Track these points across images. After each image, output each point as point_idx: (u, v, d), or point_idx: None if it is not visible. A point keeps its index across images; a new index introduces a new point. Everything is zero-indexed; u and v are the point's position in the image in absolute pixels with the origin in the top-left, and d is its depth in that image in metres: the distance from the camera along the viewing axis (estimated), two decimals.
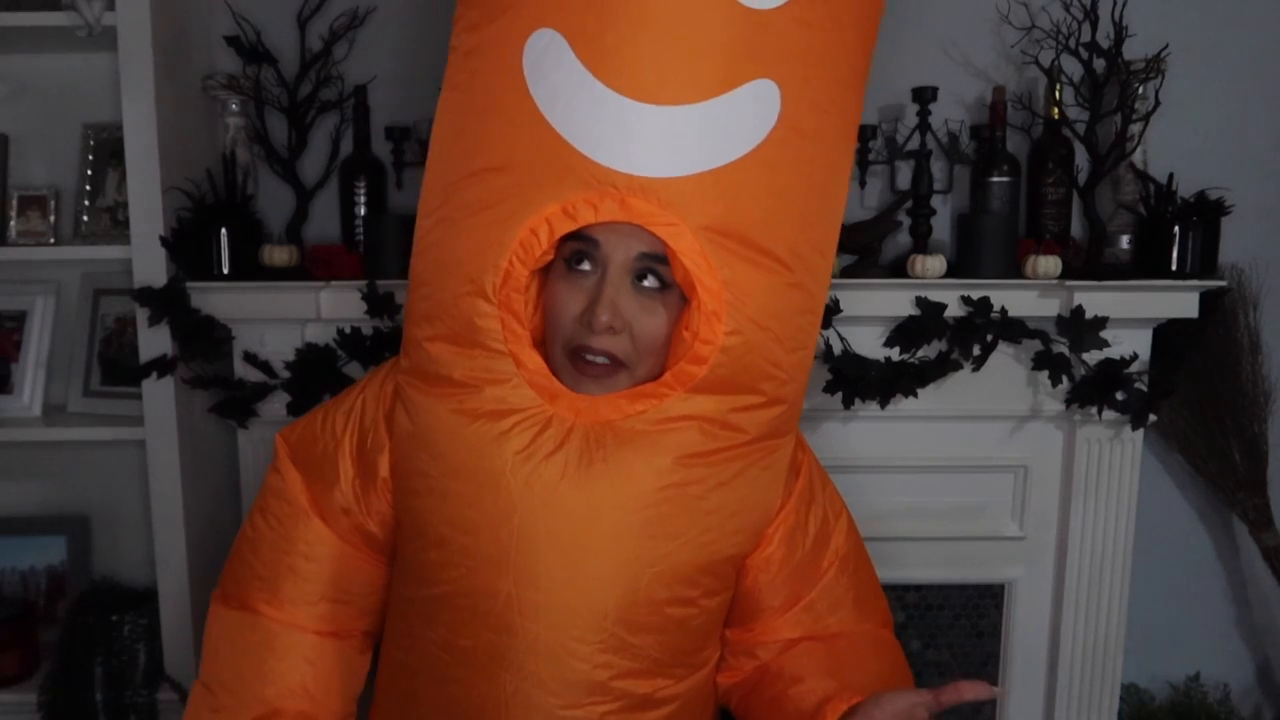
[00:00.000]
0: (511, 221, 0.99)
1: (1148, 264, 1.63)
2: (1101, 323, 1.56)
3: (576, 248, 1.01)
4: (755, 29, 0.97)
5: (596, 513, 1.02)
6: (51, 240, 1.73)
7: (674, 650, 1.10)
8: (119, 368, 1.74)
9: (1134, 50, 1.61)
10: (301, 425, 1.20)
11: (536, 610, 1.04)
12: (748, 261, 0.99)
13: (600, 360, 1.02)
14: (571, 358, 1.03)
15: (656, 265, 1.00)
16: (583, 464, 1.02)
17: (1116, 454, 1.67)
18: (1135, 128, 1.61)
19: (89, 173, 1.77)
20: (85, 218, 1.77)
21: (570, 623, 1.04)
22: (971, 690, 0.98)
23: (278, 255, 1.60)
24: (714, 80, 0.96)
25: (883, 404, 1.59)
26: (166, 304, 1.56)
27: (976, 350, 1.57)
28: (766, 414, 1.06)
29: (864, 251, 1.66)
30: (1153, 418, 1.62)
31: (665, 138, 0.96)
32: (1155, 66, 1.62)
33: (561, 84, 0.97)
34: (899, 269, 1.64)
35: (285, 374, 1.60)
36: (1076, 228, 1.74)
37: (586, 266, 1.01)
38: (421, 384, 1.08)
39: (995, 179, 1.68)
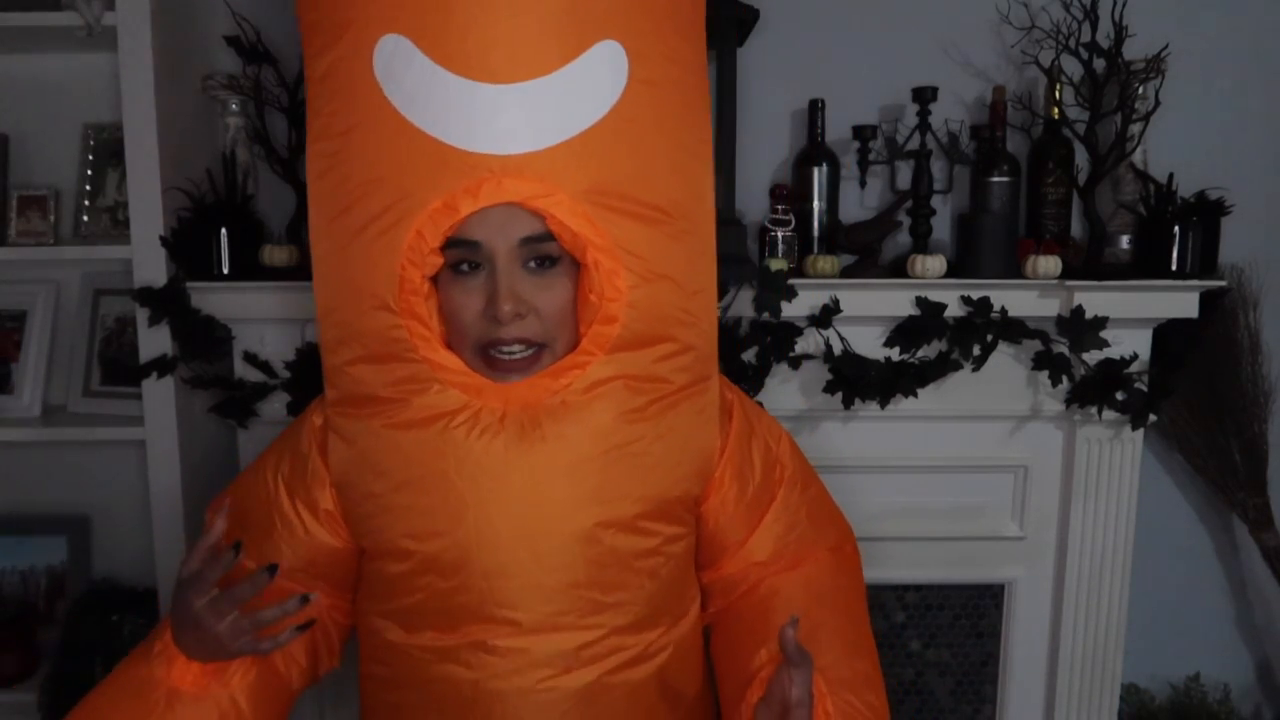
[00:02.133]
0: (398, 228, 1.01)
1: (1148, 264, 1.63)
2: (1101, 323, 1.56)
3: (458, 254, 1.02)
4: None
5: (547, 490, 1.05)
6: (51, 240, 1.73)
7: (652, 601, 1.13)
8: (119, 368, 1.74)
9: (1134, 50, 1.61)
10: (233, 488, 1.23)
11: (511, 597, 1.06)
12: (631, 216, 1.03)
13: (517, 351, 1.04)
14: (485, 356, 1.05)
15: (540, 244, 1.02)
16: (523, 448, 1.04)
17: (1116, 454, 1.67)
18: (1135, 128, 1.60)
19: (89, 173, 1.77)
20: (85, 218, 1.77)
21: (547, 599, 1.07)
22: (786, 635, 0.97)
23: (278, 255, 1.60)
24: (561, 49, 0.99)
25: (883, 404, 1.59)
26: (166, 304, 1.56)
27: (976, 350, 1.57)
28: (685, 359, 1.10)
29: (864, 251, 1.66)
30: (1153, 418, 1.62)
31: (527, 113, 0.99)
32: (1155, 66, 1.62)
33: (416, 84, 0.99)
34: (899, 269, 1.64)
35: (285, 374, 1.60)
36: (1076, 228, 1.74)
37: (473, 267, 1.03)
38: (351, 410, 1.10)
39: (995, 179, 1.68)
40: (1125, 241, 1.71)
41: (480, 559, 1.06)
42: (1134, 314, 1.58)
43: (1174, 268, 1.59)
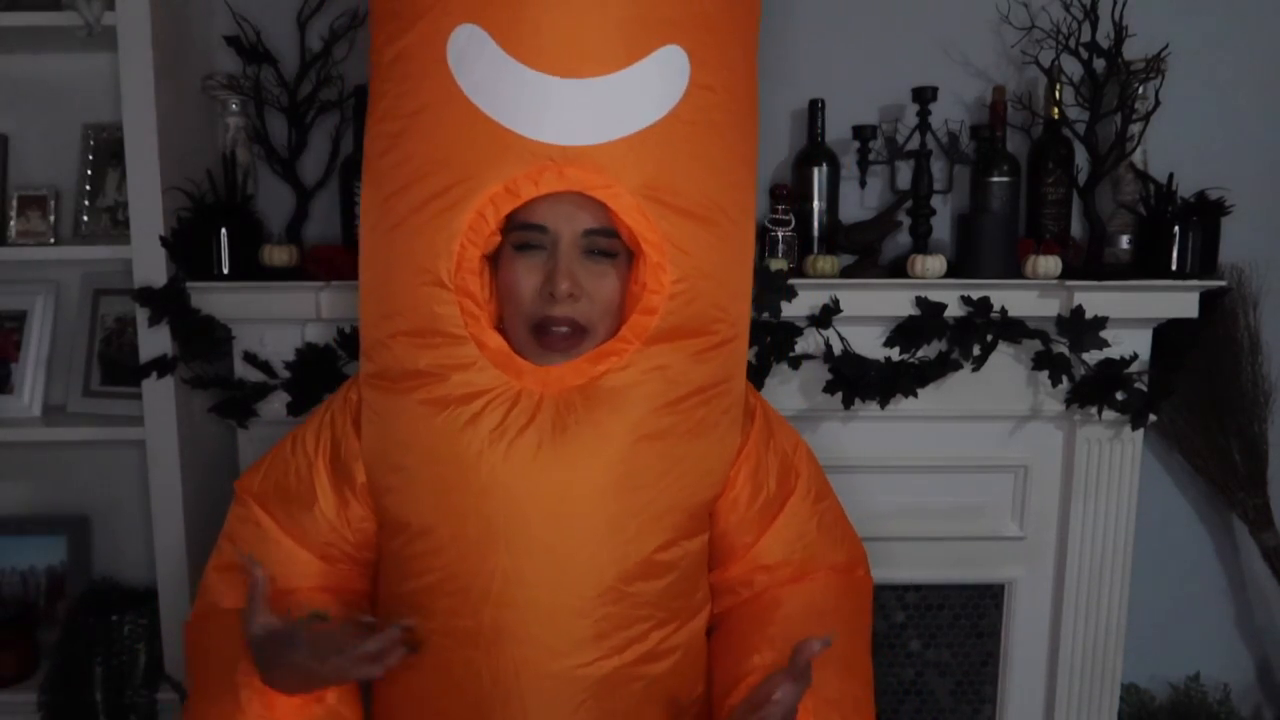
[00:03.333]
0: (459, 208, 1.05)
1: (1148, 264, 1.63)
2: (1101, 323, 1.56)
3: (524, 235, 1.07)
4: (655, 0, 1.05)
5: (578, 475, 1.07)
6: (51, 240, 1.73)
7: (669, 595, 1.14)
8: (119, 368, 1.74)
9: (1134, 50, 1.61)
10: (266, 463, 1.23)
11: (535, 578, 1.07)
12: (682, 214, 1.07)
13: (563, 330, 1.08)
14: (535, 332, 1.09)
15: (602, 238, 1.07)
16: (557, 431, 1.07)
17: (1116, 454, 1.67)
18: (1135, 128, 1.61)
19: (89, 173, 1.77)
20: (85, 218, 1.77)
21: (569, 583, 1.08)
22: (807, 647, 0.98)
23: (278, 255, 1.60)
24: (628, 50, 1.04)
25: (883, 404, 1.59)
26: (166, 304, 1.56)
27: (976, 350, 1.58)
28: (720, 356, 1.13)
29: (864, 251, 1.66)
30: (1153, 418, 1.62)
31: (591, 108, 1.04)
32: (1155, 66, 1.62)
33: (487, 72, 1.04)
34: (899, 269, 1.64)
35: (285, 374, 1.60)
36: (1076, 228, 1.74)
37: (535, 247, 1.08)
38: (388, 383, 1.12)
39: (995, 179, 1.68)
40: (1125, 241, 1.71)
41: (507, 535, 1.07)
42: (1134, 314, 1.59)
43: (1174, 268, 1.59)
